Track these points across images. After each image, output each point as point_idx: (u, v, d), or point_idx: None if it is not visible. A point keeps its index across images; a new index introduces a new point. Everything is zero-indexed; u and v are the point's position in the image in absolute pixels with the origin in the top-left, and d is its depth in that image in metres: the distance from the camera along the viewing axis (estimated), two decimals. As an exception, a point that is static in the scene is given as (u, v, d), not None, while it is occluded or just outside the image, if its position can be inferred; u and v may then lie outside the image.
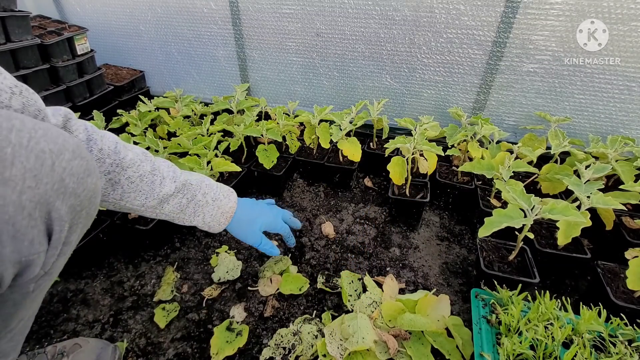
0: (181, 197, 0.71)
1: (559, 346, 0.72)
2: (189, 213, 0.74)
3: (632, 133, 1.42)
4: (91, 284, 1.09)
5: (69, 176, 0.42)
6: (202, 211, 0.75)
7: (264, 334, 0.94)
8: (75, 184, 0.43)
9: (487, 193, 1.29)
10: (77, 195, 0.44)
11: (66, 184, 0.42)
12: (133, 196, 0.66)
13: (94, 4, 1.94)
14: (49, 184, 0.40)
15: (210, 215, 0.77)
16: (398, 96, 1.69)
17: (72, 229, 0.46)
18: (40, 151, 0.40)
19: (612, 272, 0.96)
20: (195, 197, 0.73)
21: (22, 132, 0.39)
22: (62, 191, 0.42)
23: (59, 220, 0.43)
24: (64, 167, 0.42)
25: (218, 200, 0.77)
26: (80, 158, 0.45)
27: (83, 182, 0.45)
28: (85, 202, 0.46)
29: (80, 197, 0.45)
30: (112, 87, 1.90)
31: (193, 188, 0.74)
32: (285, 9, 1.62)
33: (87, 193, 0.46)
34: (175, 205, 0.71)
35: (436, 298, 0.94)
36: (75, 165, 0.43)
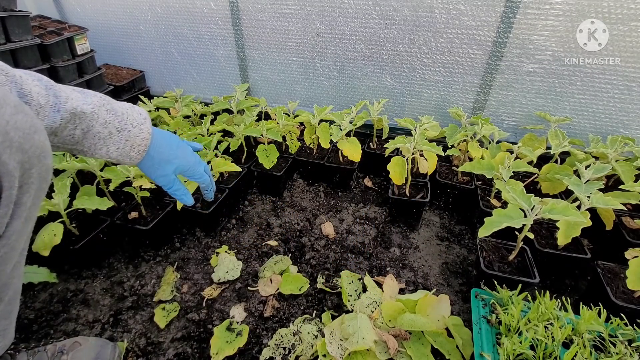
0: (72, 128, 0.58)
1: (559, 346, 0.72)
2: (87, 145, 0.60)
3: (632, 133, 1.42)
4: (91, 284, 1.09)
5: (14, 130, 0.40)
6: (105, 144, 0.61)
7: (264, 334, 0.94)
8: (22, 138, 0.41)
9: (487, 193, 1.29)
10: (25, 151, 0.42)
11: (11, 138, 0.40)
12: None
13: (94, 4, 1.94)
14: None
15: (115, 148, 0.62)
16: (398, 96, 1.69)
17: (24, 189, 0.44)
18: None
19: (612, 272, 0.96)
20: (92, 129, 0.60)
21: None
22: (7, 145, 0.40)
23: (8, 176, 0.40)
24: (7, 121, 0.40)
25: (125, 131, 0.63)
26: (24, 114, 0.42)
27: (29, 138, 0.43)
28: (34, 160, 0.44)
29: (29, 154, 0.43)
30: (112, 87, 1.90)
31: (87, 118, 0.59)
32: (285, 9, 1.62)
33: (35, 150, 0.44)
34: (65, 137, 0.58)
35: (436, 298, 0.94)
36: (19, 119, 0.41)
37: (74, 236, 1.07)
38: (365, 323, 0.86)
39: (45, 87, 0.56)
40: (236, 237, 1.27)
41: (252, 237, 1.28)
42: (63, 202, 1.01)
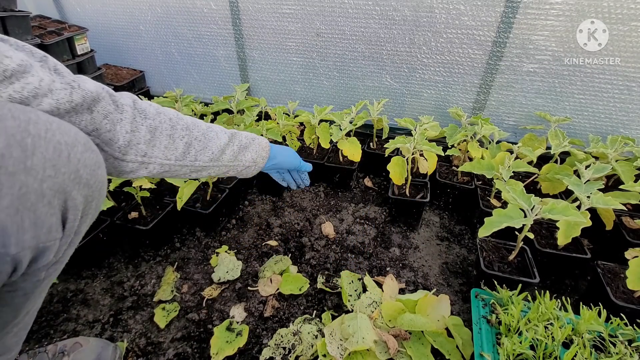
0: (232, 145, 0.77)
1: (559, 346, 0.72)
2: (240, 158, 0.80)
3: (632, 133, 1.42)
4: (91, 284, 1.09)
5: (83, 167, 0.44)
6: (249, 151, 0.82)
7: (264, 334, 0.94)
8: (89, 175, 0.46)
9: (487, 193, 1.29)
10: (90, 186, 0.46)
11: (81, 175, 0.44)
12: (202, 153, 0.71)
13: (94, 4, 1.94)
14: (66, 174, 0.42)
15: (255, 151, 0.83)
16: (398, 96, 1.69)
17: (83, 219, 0.48)
18: (57, 142, 0.41)
19: (612, 272, 0.96)
20: (241, 142, 0.80)
21: (39, 124, 0.40)
22: (77, 181, 0.44)
23: (74, 209, 0.45)
24: (79, 159, 0.44)
25: (255, 139, 0.85)
26: (91, 151, 0.47)
27: (95, 174, 0.47)
28: (96, 194, 0.49)
29: (92, 188, 0.47)
30: (112, 87, 1.90)
31: (238, 135, 0.80)
32: (285, 9, 1.62)
33: (98, 185, 0.48)
34: (230, 153, 0.77)
35: (436, 298, 0.94)
36: (88, 157, 0.46)
37: (74, 236, 1.07)
38: (365, 323, 0.86)
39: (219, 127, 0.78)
40: (236, 237, 1.27)
41: (252, 237, 1.28)
42: (63, 202, 1.01)
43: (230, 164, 0.79)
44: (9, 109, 0.39)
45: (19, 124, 0.39)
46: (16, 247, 0.39)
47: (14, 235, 0.38)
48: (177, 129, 0.67)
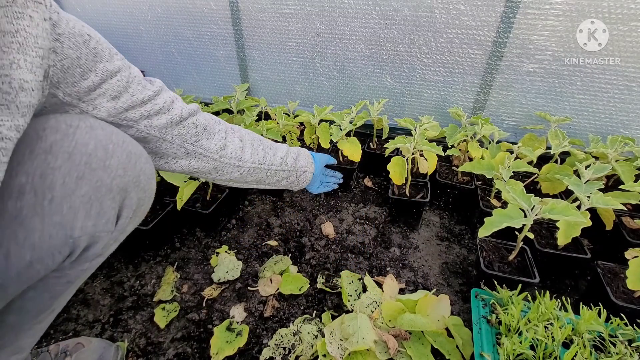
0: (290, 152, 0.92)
1: (559, 346, 0.72)
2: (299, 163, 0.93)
3: (632, 133, 1.42)
4: (91, 284, 1.09)
5: (143, 174, 0.53)
6: (301, 158, 0.95)
7: (264, 334, 0.94)
8: (145, 182, 0.54)
9: (487, 193, 1.29)
10: (145, 191, 0.55)
11: (140, 180, 0.53)
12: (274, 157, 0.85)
13: (94, 4, 1.94)
14: (131, 177, 0.51)
15: (304, 158, 0.96)
16: (398, 96, 1.69)
17: (132, 220, 0.55)
18: (129, 152, 0.51)
19: (612, 272, 0.96)
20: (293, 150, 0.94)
21: (119, 135, 0.51)
22: (136, 184, 0.52)
23: (129, 208, 0.52)
24: (141, 167, 0.53)
25: (300, 149, 0.98)
26: (150, 164, 0.56)
27: (150, 182, 0.55)
28: (147, 199, 0.56)
29: (146, 193, 0.55)
30: (112, 87, 1.90)
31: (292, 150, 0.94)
32: (285, 9, 1.62)
33: (150, 192, 0.57)
34: (291, 159, 0.90)
35: (436, 298, 0.94)
36: (148, 168, 0.55)
37: (74, 236, 1.07)
38: (365, 323, 0.86)
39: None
40: (236, 237, 1.27)
41: (252, 237, 1.28)
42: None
43: (293, 169, 0.90)
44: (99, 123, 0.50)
45: (106, 133, 0.49)
46: (80, 231, 0.46)
47: (81, 220, 0.46)
48: (254, 139, 0.82)
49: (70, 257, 0.48)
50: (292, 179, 0.94)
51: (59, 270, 0.50)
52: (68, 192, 0.44)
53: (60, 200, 0.43)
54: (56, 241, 0.44)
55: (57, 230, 0.44)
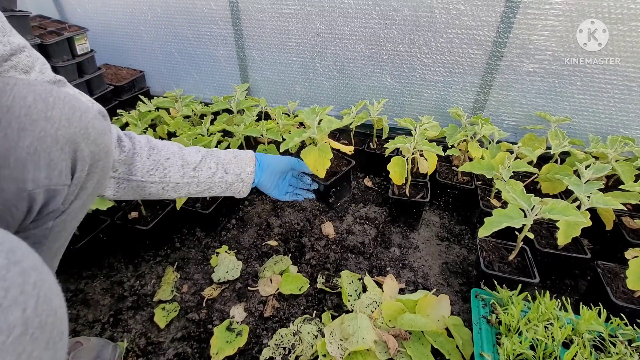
0: (209, 162, 0.81)
1: (559, 346, 0.72)
2: (220, 174, 0.82)
3: (632, 133, 1.42)
4: (91, 284, 1.09)
5: (92, 128, 0.52)
6: (231, 166, 0.84)
7: (264, 334, 0.94)
8: (96, 135, 0.53)
9: (487, 193, 1.29)
10: (97, 144, 0.54)
11: (89, 132, 0.52)
12: (172, 170, 0.76)
13: (94, 4, 1.94)
14: (77, 128, 0.50)
15: (238, 167, 0.85)
16: (398, 96, 1.69)
17: (90, 176, 0.55)
18: (72, 105, 0.51)
19: (612, 272, 0.96)
20: (219, 159, 0.83)
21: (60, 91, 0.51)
22: (86, 137, 0.51)
23: (82, 161, 0.52)
24: (89, 120, 0.52)
25: (238, 156, 0.87)
26: (100, 120, 0.55)
27: (102, 137, 0.54)
28: (102, 155, 0.55)
29: (99, 148, 0.54)
30: (112, 87, 1.90)
31: (214, 153, 0.83)
32: (285, 9, 1.62)
33: (104, 147, 0.56)
34: (207, 170, 0.80)
35: (436, 298, 0.94)
36: (97, 122, 0.54)
37: (74, 236, 1.07)
38: (365, 323, 0.86)
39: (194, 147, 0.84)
40: (236, 237, 1.27)
41: (252, 237, 1.28)
42: (63, 202, 1.01)
43: (210, 180, 0.81)
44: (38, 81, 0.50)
45: (45, 88, 0.49)
46: (32, 183, 0.46)
47: (31, 172, 0.45)
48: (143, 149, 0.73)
49: (30, 213, 0.48)
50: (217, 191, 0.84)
51: (23, 232, 0.51)
52: (11, 144, 0.44)
53: (5, 153, 0.44)
54: (9, 195, 0.45)
55: (8, 184, 0.44)
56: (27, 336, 0.32)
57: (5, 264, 0.32)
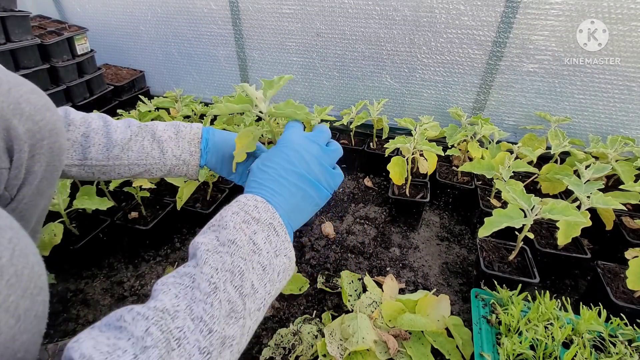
0: (141, 139, 0.68)
1: (559, 346, 0.72)
2: (156, 155, 0.69)
3: (632, 133, 1.43)
4: (91, 284, 1.09)
5: (26, 102, 0.47)
6: (169, 145, 0.70)
7: (264, 334, 0.94)
8: (33, 111, 0.47)
9: (487, 193, 1.29)
10: (35, 122, 0.48)
11: (22, 107, 0.46)
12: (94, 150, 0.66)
13: (94, 4, 1.94)
14: (5, 103, 0.45)
15: (177, 147, 0.71)
16: (398, 96, 1.69)
17: (35, 158, 0.49)
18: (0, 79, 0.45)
19: (612, 272, 0.96)
20: (155, 136, 0.70)
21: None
22: (18, 112, 0.46)
23: (17, 139, 0.46)
24: (21, 95, 0.47)
25: (180, 132, 0.72)
26: (39, 95, 0.49)
27: (41, 113, 0.49)
28: (45, 133, 0.49)
29: (39, 125, 0.48)
30: (112, 87, 1.90)
31: (149, 128, 0.70)
32: (285, 9, 1.62)
33: (47, 125, 0.49)
34: (138, 150, 0.68)
35: (436, 298, 0.94)
36: (33, 98, 0.48)
37: (74, 236, 1.07)
38: (365, 323, 0.86)
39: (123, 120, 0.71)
40: (236, 237, 1.27)
41: (252, 237, 1.28)
42: (63, 202, 1.01)
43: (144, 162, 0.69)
44: None
45: None
46: None
47: None
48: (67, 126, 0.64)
49: None
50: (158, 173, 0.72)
51: None
52: None
53: None
54: None
55: None
56: (2, 281, 0.33)
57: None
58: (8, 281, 0.34)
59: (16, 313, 0.35)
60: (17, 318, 0.35)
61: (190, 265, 0.45)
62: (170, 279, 0.43)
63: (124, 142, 0.67)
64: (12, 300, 0.34)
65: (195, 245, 0.46)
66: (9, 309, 0.34)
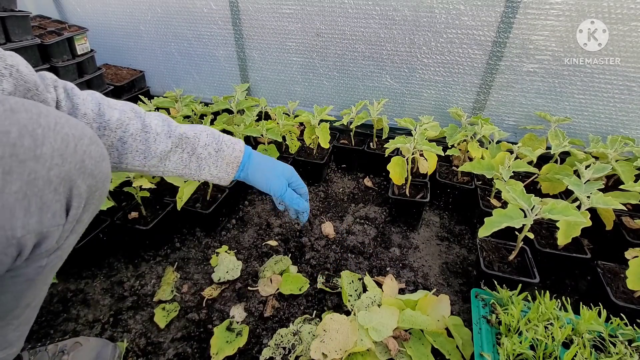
0: (180, 152, 0.69)
1: (559, 346, 0.72)
2: (193, 168, 0.71)
3: (632, 133, 1.42)
4: (91, 284, 1.09)
5: (89, 158, 0.47)
6: (207, 164, 0.72)
7: (264, 334, 0.94)
8: (93, 165, 0.48)
9: (487, 193, 1.29)
10: (94, 176, 0.48)
11: (86, 165, 0.47)
12: (131, 157, 0.64)
13: (94, 4, 1.94)
14: (72, 163, 0.45)
15: (215, 167, 0.73)
16: (398, 96, 1.69)
17: (86, 208, 0.50)
18: (65, 134, 0.44)
19: (612, 272, 0.96)
20: (195, 151, 0.70)
21: (49, 117, 0.44)
22: (82, 171, 0.46)
23: (78, 197, 0.47)
24: (84, 150, 0.46)
25: (221, 151, 0.73)
26: (97, 144, 0.49)
27: (99, 165, 0.49)
28: (100, 184, 0.50)
29: (97, 179, 0.49)
30: (112, 87, 1.90)
31: (191, 142, 0.70)
32: (285, 9, 1.62)
33: (102, 176, 0.50)
34: (176, 161, 0.69)
35: (436, 298, 0.94)
36: (93, 149, 0.48)
37: (74, 236, 1.07)
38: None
39: (161, 119, 0.69)
40: (236, 237, 1.27)
41: (252, 237, 1.28)
42: (63, 202, 1.01)
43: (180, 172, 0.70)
44: (22, 103, 0.42)
45: (31, 116, 0.42)
46: (22, 230, 0.41)
47: (20, 219, 0.41)
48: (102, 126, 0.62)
49: (20, 257, 0.44)
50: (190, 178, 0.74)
51: (13, 271, 0.47)
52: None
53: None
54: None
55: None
56: None
57: None
58: None
59: None
60: None
61: None
62: None
63: (164, 154, 0.66)
64: None
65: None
66: None
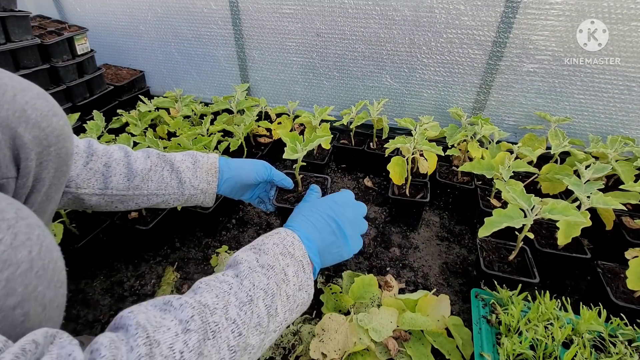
0: (161, 170, 0.72)
1: (559, 346, 0.72)
2: (175, 186, 0.73)
3: (632, 133, 1.42)
4: (91, 284, 1.09)
5: (31, 109, 0.46)
6: (187, 176, 0.74)
7: (264, 334, 0.94)
8: (39, 117, 0.47)
9: (487, 193, 1.29)
10: (42, 129, 0.47)
11: (28, 115, 0.46)
12: (115, 180, 0.68)
13: (94, 4, 1.94)
14: (10, 110, 0.44)
15: (195, 177, 0.75)
16: (398, 96, 1.69)
17: (43, 165, 0.49)
18: (3, 84, 0.44)
19: (612, 272, 0.96)
20: (174, 166, 0.73)
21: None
22: (24, 120, 0.45)
23: (24, 148, 0.46)
24: (27, 101, 0.46)
25: (197, 162, 0.76)
26: (46, 100, 0.49)
27: (47, 119, 0.48)
28: (53, 139, 0.49)
29: (46, 132, 0.48)
30: (112, 87, 1.90)
31: (168, 159, 0.74)
32: (285, 9, 1.62)
33: (53, 130, 0.49)
34: (158, 180, 0.71)
35: (436, 298, 0.94)
36: (39, 103, 0.48)
37: (74, 236, 1.07)
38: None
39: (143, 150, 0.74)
40: (236, 237, 1.27)
41: (252, 237, 1.28)
42: (63, 202, 1.01)
43: (163, 192, 0.72)
44: None
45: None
46: None
47: None
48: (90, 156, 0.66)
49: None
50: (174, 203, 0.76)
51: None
52: None
53: None
54: None
55: None
56: (32, 272, 0.36)
57: (14, 217, 0.37)
58: (37, 273, 0.37)
59: (43, 302, 0.38)
60: (43, 307, 0.38)
61: (229, 274, 0.50)
62: (212, 282, 0.48)
63: (144, 172, 0.70)
64: (40, 290, 0.37)
65: (236, 259, 0.53)
66: (37, 298, 0.37)
